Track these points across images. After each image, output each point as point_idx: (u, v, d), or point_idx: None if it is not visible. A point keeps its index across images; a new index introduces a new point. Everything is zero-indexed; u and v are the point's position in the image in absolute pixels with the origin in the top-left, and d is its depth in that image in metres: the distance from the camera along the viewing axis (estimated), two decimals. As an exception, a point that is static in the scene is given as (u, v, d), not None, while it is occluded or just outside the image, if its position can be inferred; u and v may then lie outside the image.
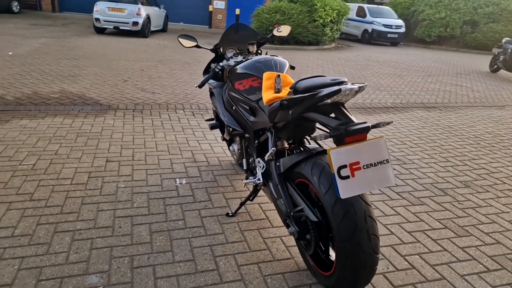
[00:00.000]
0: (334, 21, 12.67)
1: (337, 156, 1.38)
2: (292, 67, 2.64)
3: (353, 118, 1.49)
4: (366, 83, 1.52)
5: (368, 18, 15.87)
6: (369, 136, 1.49)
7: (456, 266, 2.08)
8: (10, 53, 7.30)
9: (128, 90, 5.39)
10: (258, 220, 2.37)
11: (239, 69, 2.24)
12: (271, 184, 1.92)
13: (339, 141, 1.43)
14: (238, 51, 2.71)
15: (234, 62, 2.41)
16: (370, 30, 15.72)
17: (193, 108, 4.79)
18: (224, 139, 2.85)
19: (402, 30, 15.87)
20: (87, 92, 5.11)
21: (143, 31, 11.28)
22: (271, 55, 2.36)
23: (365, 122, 1.46)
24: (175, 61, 8.13)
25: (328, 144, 3.73)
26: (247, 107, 2.17)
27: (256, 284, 1.83)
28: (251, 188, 2.74)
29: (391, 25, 15.59)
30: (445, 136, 4.44)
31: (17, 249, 1.92)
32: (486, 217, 2.64)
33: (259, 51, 2.72)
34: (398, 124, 4.78)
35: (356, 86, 1.44)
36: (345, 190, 1.38)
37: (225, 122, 2.36)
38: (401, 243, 2.25)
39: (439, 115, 5.43)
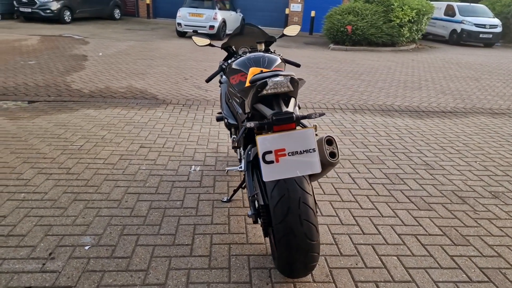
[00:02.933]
0: (413, 21, 11.93)
1: (263, 142, 1.49)
2: (296, 65, 2.72)
3: (286, 109, 1.58)
4: (291, 75, 1.57)
5: (458, 17, 14.56)
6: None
7: (434, 272, 1.98)
8: (100, 53, 8.42)
9: (185, 87, 5.88)
10: (248, 208, 2.52)
11: (234, 65, 2.41)
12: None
13: (269, 129, 1.53)
14: (250, 50, 2.87)
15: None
16: (459, 30, 14.42)
17: (236, 105, 5.05)
18: None
19: (498, 30, 14.24)
20: (149, 88, 5.72)
21: (218, 34, 11.99)
22: (265, 52, 2.48)
23: (292, 113, 1.53)
24: (239, 61, 8.52)
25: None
26: (238, 100, 2.33)
27: (219, 261, 2.00)
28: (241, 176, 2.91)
29: (484, 25, 14.10)
30: (499, 144, 4.01)
31: (41, 209, 2.36)
32: (501, 229, 2.41)
33: (269, 49, 2.85)
34: (447, 129, 4.44)
35: (283, 79, 1.53)
36: (268, 173, 1.48)
37: (223, 114, 2.55)
38: (383, 244, 2.20)
39: (504, 122, 4.88)
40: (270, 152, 1.49)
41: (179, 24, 12.00)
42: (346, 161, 3.39)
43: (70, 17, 14.06)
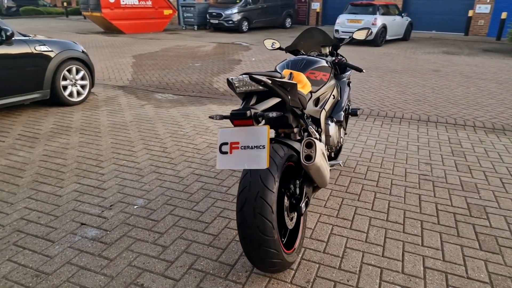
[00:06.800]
0: None
1: (222, 134, 1.62)
2: (358, 69, 2.64)
3: (252, 106, 1.64)
4: (250, 74, 1.61)
5: None
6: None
7: (434, 316, 1.66)
8: (253, 59, 9.42)
9: (308, 91, 6.07)
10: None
11: (277, 67, 2.52)
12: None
13: (231, 123, 1.64)
14: (318, 53, 2.91)
15: None
16: None
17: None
18: None
19: None
20: (275, 90, 6.15)
21: (375, 40, 11.56)
22: (330, 55, 2.56)
23: (247, 109, 1.59)
24: (383, 68, 8.10)
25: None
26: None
27: (222, 242, 2.19)
28: None
29: None
30: None
31: (127, 174, 3.04)
32: None
33: (335, 53, 2.84)
34: None
35: (244, 77, 1.60)
36: (221, 163, 1.60)
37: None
38: (397, 271, 1.94)
39: None
40: (226, 143, 1.61)
41: (337, 30, 12.15)
42: (428, 182, 2.97)
43: (247, 27, 16.02)
